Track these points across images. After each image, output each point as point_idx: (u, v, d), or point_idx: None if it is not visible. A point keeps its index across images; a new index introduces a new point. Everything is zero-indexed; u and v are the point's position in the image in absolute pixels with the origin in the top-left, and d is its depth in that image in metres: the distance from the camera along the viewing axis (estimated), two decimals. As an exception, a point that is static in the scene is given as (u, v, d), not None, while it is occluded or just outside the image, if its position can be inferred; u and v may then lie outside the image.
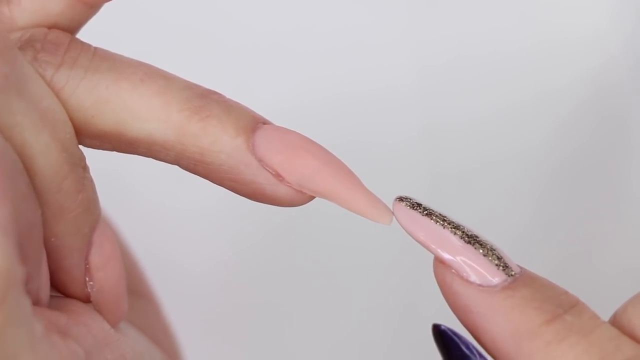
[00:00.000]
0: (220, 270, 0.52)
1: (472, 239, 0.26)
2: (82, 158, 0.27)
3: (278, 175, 0.27)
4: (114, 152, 0.28)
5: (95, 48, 0.27)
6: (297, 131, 0.28)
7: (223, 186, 0.28)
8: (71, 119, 0.27)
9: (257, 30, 0.53)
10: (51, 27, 0.27)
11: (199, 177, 0.28)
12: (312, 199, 0.28)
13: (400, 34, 0.53)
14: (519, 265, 0.27)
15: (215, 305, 0.52)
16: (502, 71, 0.54)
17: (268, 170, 0.27)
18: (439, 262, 0.26)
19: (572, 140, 0.54)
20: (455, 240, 0.26)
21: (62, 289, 0.28)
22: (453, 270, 0.26)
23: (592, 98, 0.53)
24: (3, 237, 0.21)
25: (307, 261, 0.53)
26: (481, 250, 0.26)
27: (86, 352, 0.25)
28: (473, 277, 0.26)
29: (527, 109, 0.53)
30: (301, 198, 0.27)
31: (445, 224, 0.27)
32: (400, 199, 0.27)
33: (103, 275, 0.27)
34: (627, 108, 0.53)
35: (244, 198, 0.28)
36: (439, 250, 0.26)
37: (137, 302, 0.33)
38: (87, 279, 0.27)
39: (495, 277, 0.26)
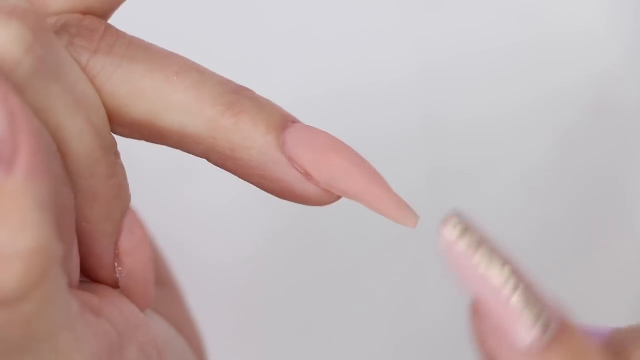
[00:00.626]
0: (237, 266, 0.52)
1: (518, 291, 0.23)
2: (114, 144, 0.27)
3: (307, 174, 0.27)
4: (143, 141, 0.28)
5: (130, 37, 0.28)
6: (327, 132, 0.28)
7: (251, 182, 0.28)
8: (104, 106, 0.27)
9: (254, 23, 0.53)
10: (85, 12, 0.28)
11: (225, 171, 0.28)
12: (339, 199, 0.28)
13: (400, 28, 0.53)
14: (558, 310, 0.24)
15: (232, 300, 0.52)
16: (502, 66, 0.53)
17: (297, 169, 0.27)
18: (475, 308, 0.24)
19: (574, 135, 0.53)
20: (500, 291, 0.23)
21: (91, 275, 0.28)
22: (488, 323, 0.23)
23: (593, 91, 0.53)
24: (43, 214, 0.21)
25: (323, 260, 0.53)
26: (525, 305, 0.23)
27: (118, 333, 0.26)
28: (507, 336, 0.23)
29: (528, 104, 0.53)
30: (329, 198, 0.28)
31: (491, 268, 0.23)
32: (449, 220, 0.23)
33: (132, 260, 0.28)
34: (629, 103, 0.53)
35: (265, 195, 0.28)
36: (478, 296, 0.23)
37: (161, 292, 0.33)
38: (116, 264, 0.28)
39: (530, 336, 0.23)
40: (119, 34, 0.27)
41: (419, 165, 0.53)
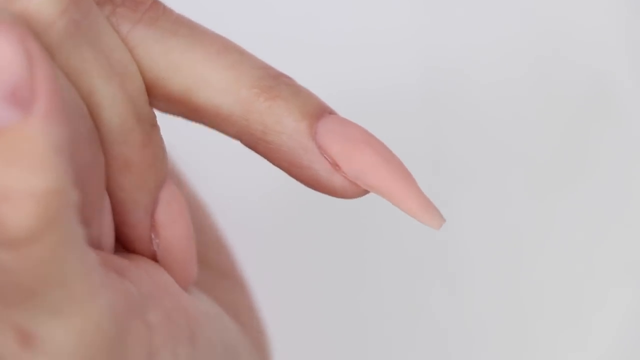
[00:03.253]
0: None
1: None
2: (152, 115, 0.27)
3: (335, 165, 0.27)
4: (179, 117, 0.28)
5: (177, 14, 0.28)
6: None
7: (280, 167, 0.28)
8: (142, 78, 0.27)
9: (257, 25, 0.53)
10: None
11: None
12: (365, 194, 0.28)
13: (401, 30, 0.53)
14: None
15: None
16: (504, 65, 0.53)
17: (326, 158, 0.27)
18: None
19: (575, 134, 0.53)
20: None
21: (128, 246, 0.28)
22: None
23: (596, 92, 0.53)
24: (59, 157, 0.21)
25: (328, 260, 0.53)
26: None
27: (142, 294, 0.25)
28: None
29: (529, 102, 0.53)
30: (355, 191, 0.27)
31: None
32: None
33: (170, 234, 0.28)
34: (632, 104, 0.53)
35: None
36: None
37: (222, 282, 0.33)
38: (152, 236, 0.28)
39: None
40: (165, 10, 0.28)
41: (420, 165, 0.53)
